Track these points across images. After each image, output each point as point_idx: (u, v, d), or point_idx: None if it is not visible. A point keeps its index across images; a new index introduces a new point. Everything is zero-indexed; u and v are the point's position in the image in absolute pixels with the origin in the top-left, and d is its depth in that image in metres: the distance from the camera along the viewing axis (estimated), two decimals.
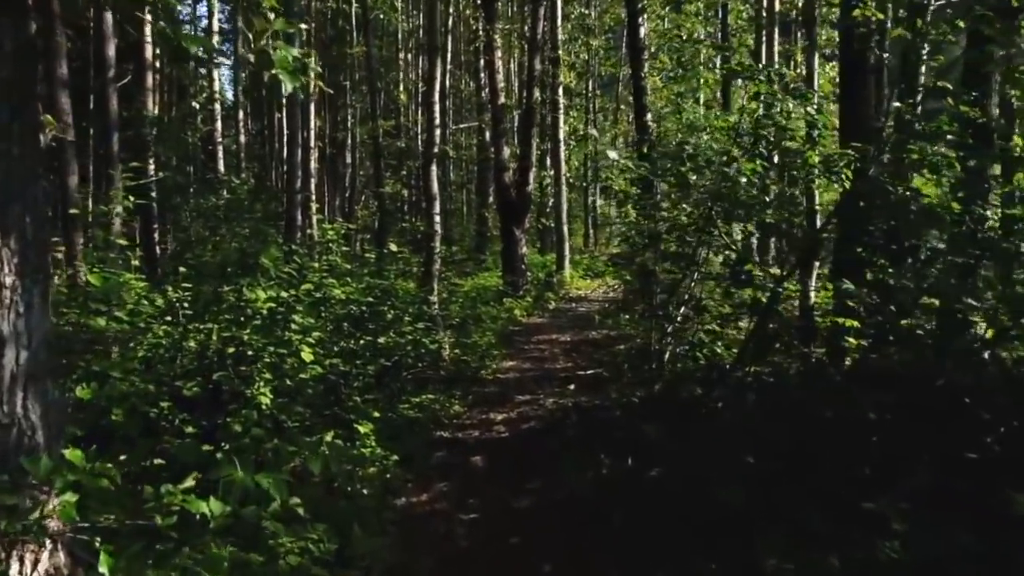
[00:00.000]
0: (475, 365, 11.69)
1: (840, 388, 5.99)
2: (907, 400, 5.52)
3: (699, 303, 8.63)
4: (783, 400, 6.57)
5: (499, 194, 19.72)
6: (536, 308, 18.53)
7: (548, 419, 9.27)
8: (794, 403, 6.28)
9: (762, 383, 7.23)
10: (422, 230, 11.81)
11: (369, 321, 9.12)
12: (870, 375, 6.42)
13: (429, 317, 10.71)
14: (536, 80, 19.19)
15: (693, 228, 8.44)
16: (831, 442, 5.42)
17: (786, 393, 6.73)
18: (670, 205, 9.72)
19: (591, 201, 38.45)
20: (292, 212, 16.67)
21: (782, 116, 8.40)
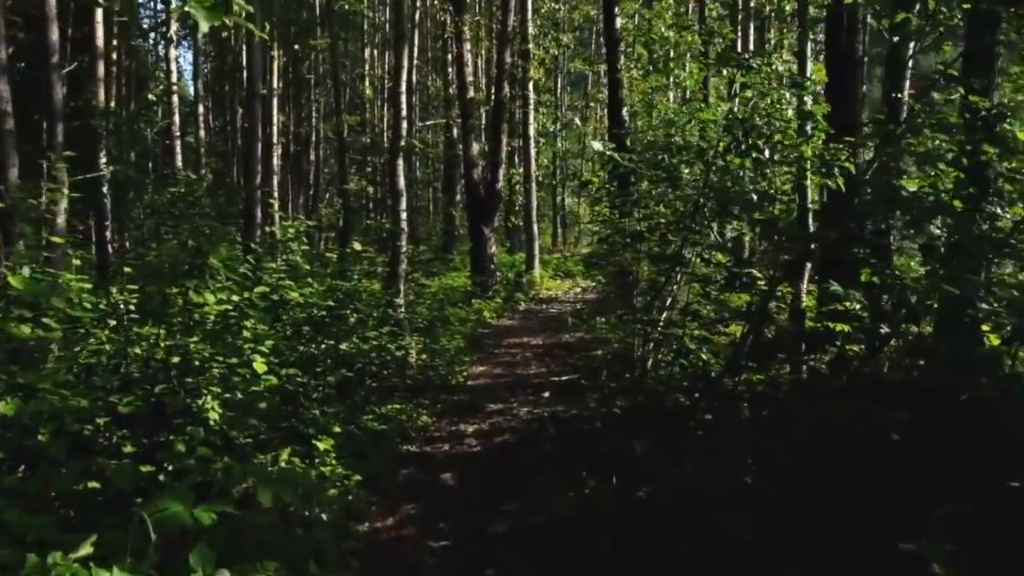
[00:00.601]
0: (444, 371, 11.07)
1: (844, 400, 5.44)
2: (926, 415, 4.98)
3: (686, 307, 8.06)
4: (781, 412, 6.01)
5: (468, 192, 19.07)
6: (506, 309, 17.92)
7: (523, 431, 8.67)
8: (795, 416, 5.71)
9: (756, 393, 6.67)
10: (388, 228, 11.12)
11: (331, 326, 8.45)
12: (873, 385, 5.91)
13: (395, 321, 10.06)
14: (506, 73, 18.56)
15: (679, 226, 7.86)
16: (841, 462, 4.86)
17: (783, 404, 6.17)
18: (652, 201, 9.15)
19: (559, 200, 37.92)
20: (251, 209, 15.94)
21: (775, 107, 7.88)
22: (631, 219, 9.58)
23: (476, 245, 18.65)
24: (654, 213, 8.56)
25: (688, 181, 7.34)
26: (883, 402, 5.38)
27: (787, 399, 6.10)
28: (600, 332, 12.81)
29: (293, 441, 6.99)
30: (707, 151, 7.02)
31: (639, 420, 7.82)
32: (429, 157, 41.80)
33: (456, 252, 26.62)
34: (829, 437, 5.08)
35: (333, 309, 8.33)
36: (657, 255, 8.45)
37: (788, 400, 6.26)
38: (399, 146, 11.20)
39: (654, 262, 8.58)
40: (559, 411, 9.32)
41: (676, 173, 7.13)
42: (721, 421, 6.99)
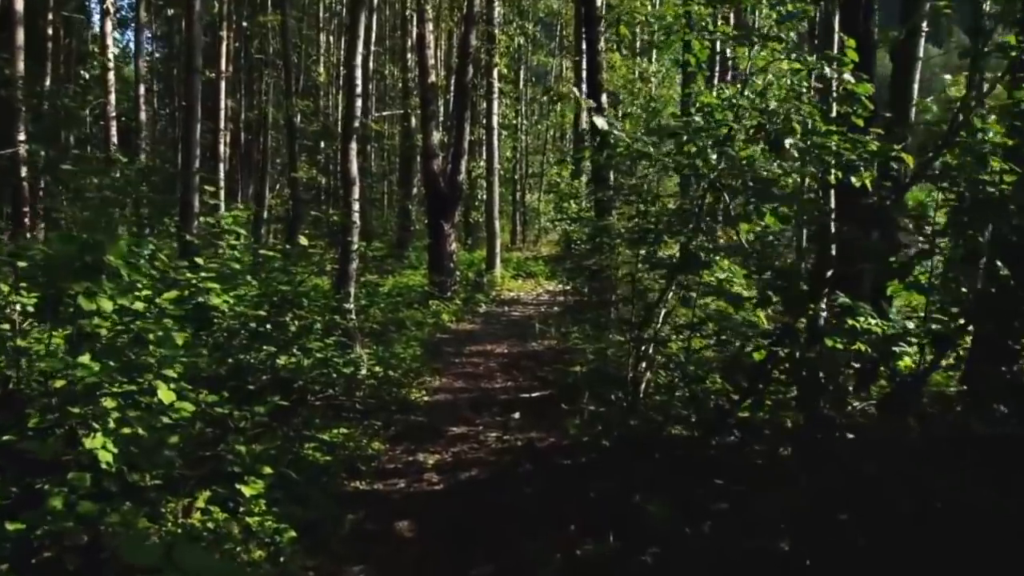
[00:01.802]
0: (398, 383, 9.70)
1: (932, 459, 4.21)
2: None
3: (695, 322, 6.80)
4: (844, 469, 4.75)
5: (427, 184, 17.63)
6: (466, 312, 16.57)
7: (493, 464, 7.35)
8: (866, 478, 4.46)
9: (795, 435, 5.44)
10: (338, 220, 9.69)
11: (266, 336, 7.06)
12: (954, 436, 4.70)
13: (343, 329, 8.65)
14: (471, 57, 17.19)
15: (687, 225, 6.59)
16: (955, 549, 3.63)
17: (839, 455, 4.92)
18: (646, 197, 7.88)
19: (519, 196, 36.61)
20: (188, 197, 14.30)
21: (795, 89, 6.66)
22: (621, 216, 8.37)
23: (435, 242, 17.23)
24: (655, 210, 7.28)
25: (705, 170, 6.04)
26: (971, 459, 4.19)
27: (856, 456, 4.81)
28: (575, 343, 11.50)
29: (215, 481, 5.63)
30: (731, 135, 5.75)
31: (635, 457, 6.57)
32: (385, 150, 40.30)
33: (412, 249, 25.19)
34: (934, 514, 3.83)
35: (267, 318, 6.92)
36: (657, 260, 7.16)
37: (844, 448, 5.00)
38: (352, 128, 9.80)
39: (652, 267, 7.30)
40: (534, 438, 8.03)
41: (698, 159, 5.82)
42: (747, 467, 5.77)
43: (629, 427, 7.10)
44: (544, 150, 39.35)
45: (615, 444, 7.03)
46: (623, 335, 9.39)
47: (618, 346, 8.79)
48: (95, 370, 4.85)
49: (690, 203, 7.09)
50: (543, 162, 39.04)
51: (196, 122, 14.66)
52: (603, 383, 8.45)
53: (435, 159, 17.13)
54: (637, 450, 6.64)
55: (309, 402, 7.96)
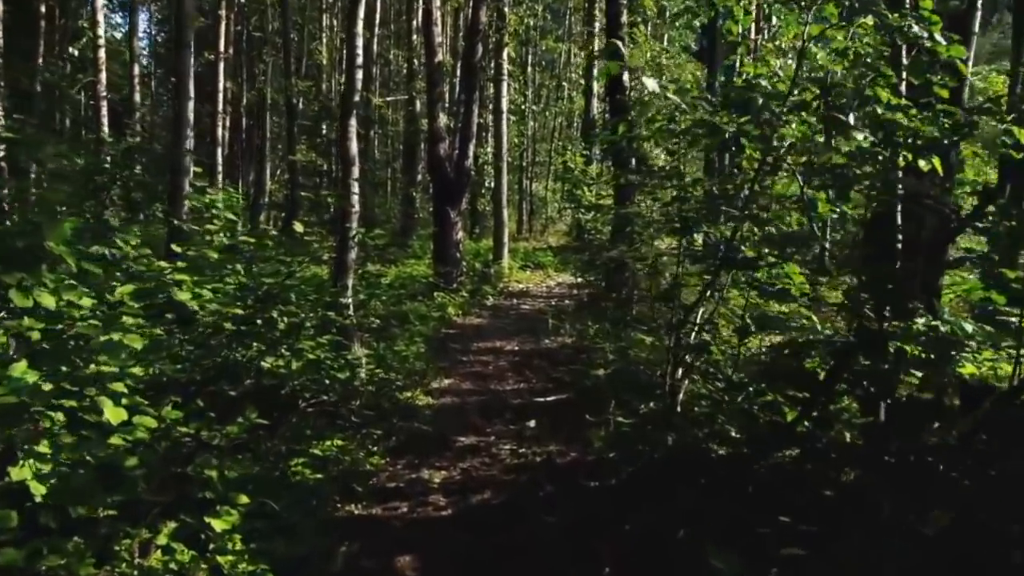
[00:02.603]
0: (400, 386, 8.78)
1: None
2: None
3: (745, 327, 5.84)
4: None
5: (433, 170, 16.64)
6: (473, 305, 15.62)
7: (508, 485, 6.42)
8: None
9: (899, 463, 4.50)
10: (334, 201, 8.72)
11: (247, 337, 6.13)
12: None
13: (339, 327, 7.69)
14: (480, 34, 16.19)
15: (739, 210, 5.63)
16: None
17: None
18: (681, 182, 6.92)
19: (526, 184, 35.63)
20: (177, 180, 13.38)
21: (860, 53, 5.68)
22: (650, 202, 7.43)
23: (440, 230, 16.25)
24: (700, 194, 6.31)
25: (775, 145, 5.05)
26: None
27: (970, 496, 3.87)
28: (595, 341, 10.56)
29: (181, 510, 4.72)
30: (807, 104, 4.79)
31: (676, 479, 5.64)
32: (389, 136, 39.35)
33: (416, 237, 24.24)
34: None
35: (250, 315, 5.98)
36: (701, 251, 6.20)
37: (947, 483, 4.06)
38: (352, 103, 8.83)
39: (695, 260, 6.34)
40: (553, 453, 7.10)
41: (773, 127, 4.83)
42: (813, 497, 4.84)
43: (666, 444, 6.16)
44: (552, 138, 38.32)
45: (650, 463, 6.10)
46: (657, 337, 8.50)
47: (650, 349, 7.86)
48: (29, 382, 3.93)
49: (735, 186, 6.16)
50: (551, 150, 38.03)
51: (187, 100, 13.71)
52: (632, 390, 7.52)
53: (441, 143, 16.15)
54: (677, 472, 5.73)
55: (300, 408, 7.04)
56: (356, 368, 7.34)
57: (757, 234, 6.07)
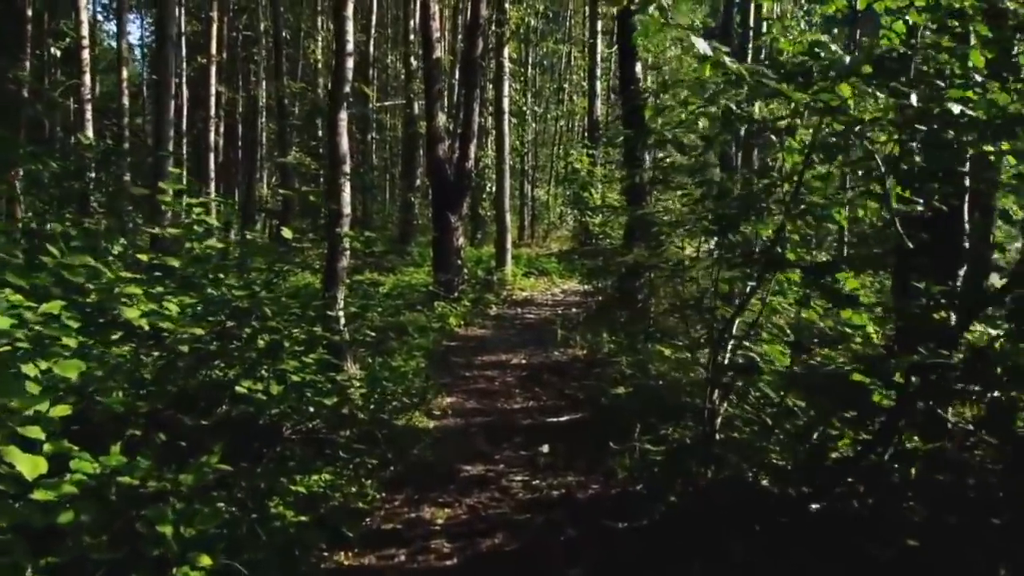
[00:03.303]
0: (397, 406, 7.93)
1: None
2: None
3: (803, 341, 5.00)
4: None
5: (432, 172, 15.77)
6: (475, 315, 14.75)
7: (522, 527, 5.55)
8: None
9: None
10: (316, 202, 7.81)
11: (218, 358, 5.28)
12: None
13: (328, 343, 6.81)
14: (481, 29, 15.35)
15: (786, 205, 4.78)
16: None
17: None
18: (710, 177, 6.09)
19: (528, 189, 34.82)
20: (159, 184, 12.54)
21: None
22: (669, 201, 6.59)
23: (440, 236, 15.37)
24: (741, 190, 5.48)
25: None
26: None
27: None
28: (611, 353, 9.69)
29: (137, 569, 3.88)
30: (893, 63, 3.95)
31: (719, 521, 4.80)
32: (387, 141, 38.61)
33: (415, 244, 23.40)
34: None
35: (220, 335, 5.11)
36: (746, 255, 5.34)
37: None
38: (343, 94, 7.98)
39: (732, 265, 5.48)
40: (572, 484, 6.25)
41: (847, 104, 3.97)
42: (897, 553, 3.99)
43: (706, 477, 5.32)
44: (554, 141, 37.52)
45: (688, 501, 5.26)
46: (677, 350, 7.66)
47: (675, 364, 7.02)
48: None
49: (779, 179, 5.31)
50: (552, 154, 37.25)
51: (169, 99, 12.97)
52: (659, 412, 6.68)
53: (440, 144, 15.29)
54: (722, 512, 4.88)
55: (283, 436, 6.19)
56: (347, 390, 6.46)
57: (807, 231, 5.24)
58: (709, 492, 5.16)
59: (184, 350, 4.60)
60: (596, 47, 25.45)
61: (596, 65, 25.35)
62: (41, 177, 12.68)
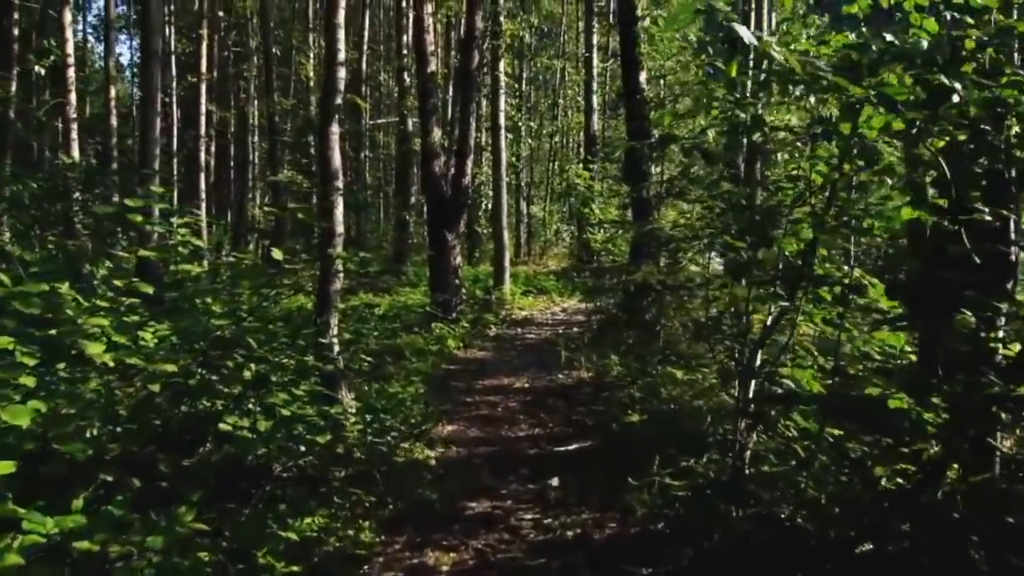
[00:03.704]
0: (396, 436, 7.44)
1: None
2: None
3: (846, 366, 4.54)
4: None
5: (428, 189, 15.30)
6: (475, 336, 14.26)
7: (537, 575, 5.06)
8: None
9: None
10: (304, 219, 7.32)
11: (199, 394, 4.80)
12: None
13: (319, 373, 6.30)
14: (476, 40, 14.93)
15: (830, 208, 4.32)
16: None
17: None
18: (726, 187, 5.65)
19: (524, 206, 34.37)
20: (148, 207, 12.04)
21: None
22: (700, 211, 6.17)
23: (437, 255, 14.88)
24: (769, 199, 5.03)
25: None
26: None
27: None
28: (621, 377, 9.21)
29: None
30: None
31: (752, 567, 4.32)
32: (381, 159, 38.25)
33: (410, 263, 22.93)
34: None
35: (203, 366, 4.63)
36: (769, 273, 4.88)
37: None
38: (334, 105, 7.54)
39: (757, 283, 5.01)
40: (587, 523, 5.76)
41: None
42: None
43: (736, 517, 4.83)
44: (549, 157, 37.13)
45: (719, 543, 4.77)
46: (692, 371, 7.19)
47: (692, 389, 6.55)
48: None
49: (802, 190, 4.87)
50: (547, 171, 36.86)
51: (155, 116, 12.51)
52: (678, 441, 6.20)
53: (436, 160, 14.84)
54: (759, 558, 4.40)
55: (274, 475, 5.70)
56: (341, 422, 5.96)
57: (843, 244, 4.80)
58: (741, 533, 4.67)
59: (155, 389, 4.11)
60: (592, 61, 25.15)
61: (592, 79, 25.05)
62: (22, 198, 12.23)
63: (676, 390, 7.91)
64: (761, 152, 10.77)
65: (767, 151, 8.41)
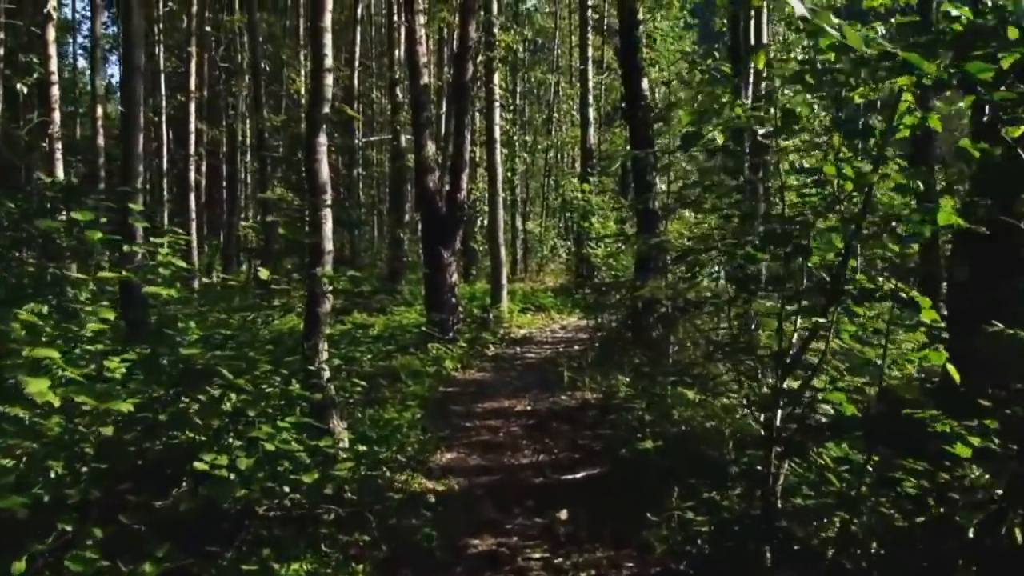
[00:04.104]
0: (390, 468, 6.95)
1: None
2: None
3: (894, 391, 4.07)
4: None
5: (422, 205, 14.79)
6: (473, 356, 13.76)
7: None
8: None
9: None
10: (286, 235, 6.82)
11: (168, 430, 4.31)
12: None
13: (307, 401, 5.79)
14: (471, 51, 14.48)
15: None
16: None
17: None
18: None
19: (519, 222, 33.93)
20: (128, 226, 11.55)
21: None
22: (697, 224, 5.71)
23: (433, 273, 14.38)
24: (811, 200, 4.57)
25: None
26: None
27: None
28: (630, 399, 8.71)
29: None
30: None
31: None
32: (374, 177, 37.83)
33: (405, 282, 22.44)
34: None
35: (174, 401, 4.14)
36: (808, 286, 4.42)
37: None
38: (322, 115, 7.07)
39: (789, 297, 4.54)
40: (603, 563, 5.26)
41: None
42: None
43: (768, 557, 4.34)
44: (544, 173, 36.74)
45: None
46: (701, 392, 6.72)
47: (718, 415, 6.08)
48: None
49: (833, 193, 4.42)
50: (543, 186, 36.47)
51: (138, 132, 12.04)
52: (697, 470, 5.72)
53: (431, 175, 14.37)
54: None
55: (259, 516, 5.19)
56: (332, 456, 5.45)
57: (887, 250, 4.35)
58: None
59: (107, 432, 3.62)
60: (587, 73, 24.80)
61: (588, 92, 24.68)
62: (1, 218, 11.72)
63: (688, 412, 7.45)
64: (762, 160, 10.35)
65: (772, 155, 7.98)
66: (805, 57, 4.06)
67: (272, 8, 29.68)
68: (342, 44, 28.73)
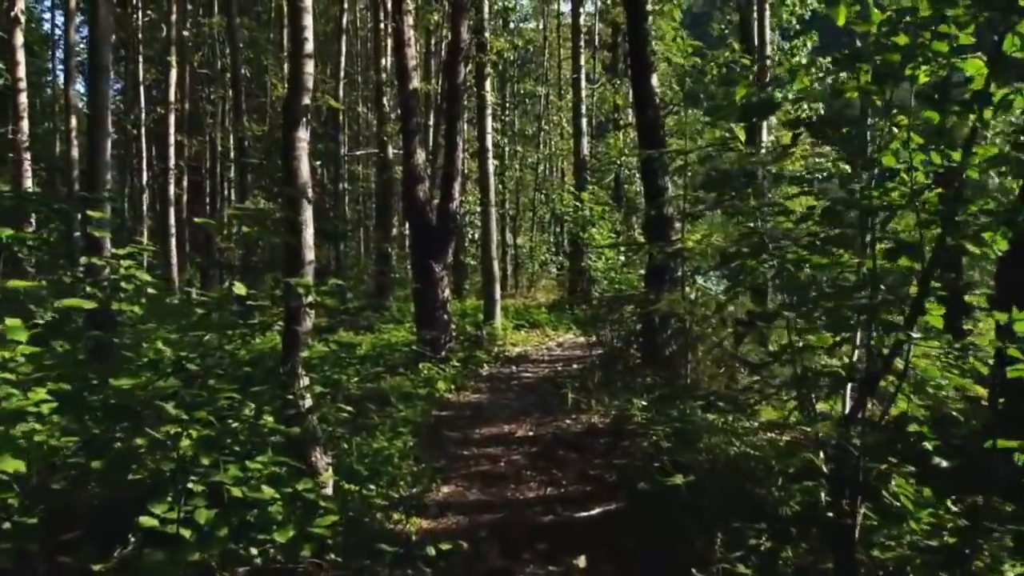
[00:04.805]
0: (382, 505, 6.10)
1: None
2: None
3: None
4: None
5: (411, 216, 13.90)
6: (467, 376, 12.90)
7: None
8: None
9: None
10: (256, 239, 5.97)
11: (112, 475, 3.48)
12: None
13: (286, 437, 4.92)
14: (463, 53, 13.67)
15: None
16: None
17: None
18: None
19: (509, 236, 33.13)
20: (94, 238, 10.69)
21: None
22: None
23: (423, 288, 13.50)
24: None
25: None
26: None
27: None
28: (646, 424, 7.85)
29: None
30: None
31: None
32: (360, 192, 37.00)
33: (393, 298, 21.58)
34: None
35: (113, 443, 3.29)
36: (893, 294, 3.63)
37: None
38: (301, 106, 6.25)
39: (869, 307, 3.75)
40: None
41: None
42: None
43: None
44: (535, 186, 35.96)
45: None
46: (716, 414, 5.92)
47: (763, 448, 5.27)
48: None
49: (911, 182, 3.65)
50: (533, 200, 35.69)
51: (105, 137, 11.14)
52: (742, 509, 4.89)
53: (421, 185, 13.53)
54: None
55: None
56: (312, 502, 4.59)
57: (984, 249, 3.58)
58: None
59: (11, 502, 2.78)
60: (580, 83, 24.14)
61: (581, 102, 23.99)
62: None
63: (716, 439, 6.63)
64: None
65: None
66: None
67: (256, 18, 28.89)
68: (326, 57, 27.97)
